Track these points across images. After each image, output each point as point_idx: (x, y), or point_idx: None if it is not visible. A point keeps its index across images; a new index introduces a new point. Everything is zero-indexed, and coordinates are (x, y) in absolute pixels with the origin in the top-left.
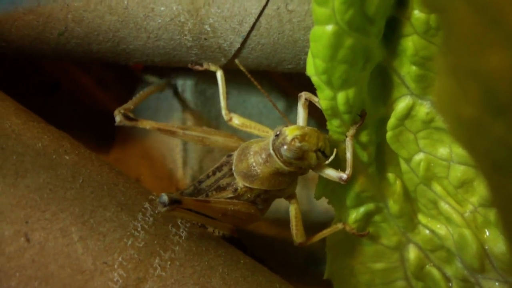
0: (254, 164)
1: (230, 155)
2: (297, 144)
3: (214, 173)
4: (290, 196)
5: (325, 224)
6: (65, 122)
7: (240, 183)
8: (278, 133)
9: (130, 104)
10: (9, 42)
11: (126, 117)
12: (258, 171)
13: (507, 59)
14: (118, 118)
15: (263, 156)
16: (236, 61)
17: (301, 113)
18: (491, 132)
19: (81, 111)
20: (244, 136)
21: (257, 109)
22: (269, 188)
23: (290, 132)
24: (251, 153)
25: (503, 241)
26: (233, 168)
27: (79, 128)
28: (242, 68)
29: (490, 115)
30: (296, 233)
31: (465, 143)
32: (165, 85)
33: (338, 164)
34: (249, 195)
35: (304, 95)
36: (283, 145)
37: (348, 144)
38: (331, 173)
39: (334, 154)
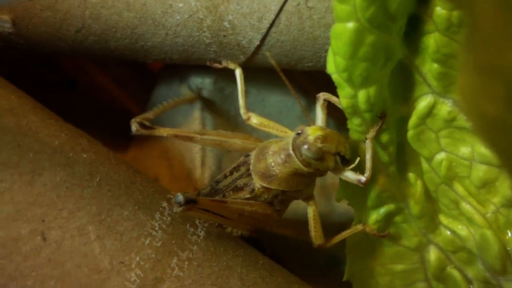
0: (272, 164)
1: (247, 155)
2: (319, 144)
3: (231, 173)
4: (308, 198)
5: (345, 225)
6: (82, 121)
7: (258, 183)
8: (299, 131)
9: (150, 114)
10: (27, 39)
11: (142, 125)
12: (277, 171)
13: None
14: (134, 127)
15: (282, 156)
16: (267, 53)
17: (320, 115)
18: None
19: (99, 109)
20: (262, 136)
21: (276, 108)
22: (286, 188)
23: (312, 132)
24: (270, 153)
25: None
26: (251, 168)
27: (97, 127)
28: (272, 61)
29: None
30: (315, 234)
31: (488, 141)
32: (197, 97)
33: (358, 165)
34: (266, 196)
35: (322, 96)
36: (304, 144)
37: (368, 146)
38: (349, 175)
39: (356, 161)
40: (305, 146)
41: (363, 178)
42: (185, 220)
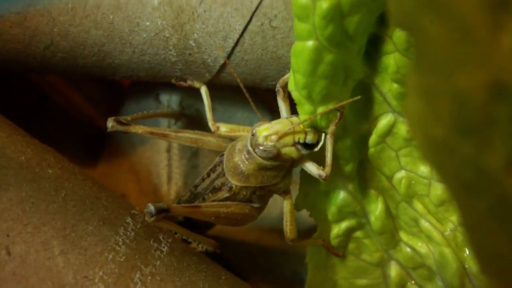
0: (239, 162)
1: (222, 155)
2: (269, 143)
3: (208, 175)
4: (285, 192)
5: (314, 229)
6: (52, 136)
7: (232, 182)
8: (253, 132)
9: (128, 117)
10: None
11: (118, 122)
12: (244, 168)
13: (478, 79)
14: (110, 123)
15: (245, 153)
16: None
17: (283, 107)
18: (460, 152)
19: (69, 125)
20: None
21: (243, 125)
22: (256, 184)
23: (260, 133)
24: (236, 151)
25: None
26: (224, 168)
27: (67, 142)
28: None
29: (459, 136)
30: (291, 228)
31: (434, 163)
32: (180, 115)
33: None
34: (244, 193)
35: (281, 88)
36: (258, 146)
37: (328, 142)
38: (311, 168)
39: (320, 144)
40: (260, 148)
41: (323, 174)
42: (148, 236)
